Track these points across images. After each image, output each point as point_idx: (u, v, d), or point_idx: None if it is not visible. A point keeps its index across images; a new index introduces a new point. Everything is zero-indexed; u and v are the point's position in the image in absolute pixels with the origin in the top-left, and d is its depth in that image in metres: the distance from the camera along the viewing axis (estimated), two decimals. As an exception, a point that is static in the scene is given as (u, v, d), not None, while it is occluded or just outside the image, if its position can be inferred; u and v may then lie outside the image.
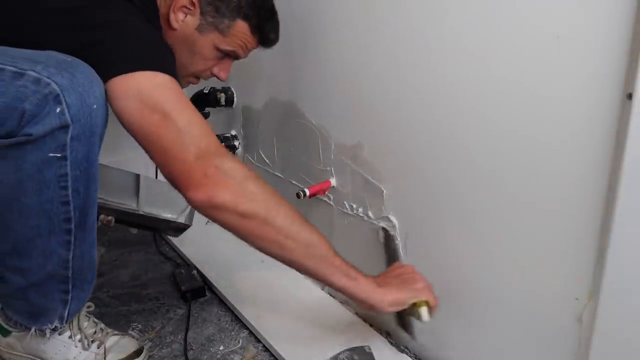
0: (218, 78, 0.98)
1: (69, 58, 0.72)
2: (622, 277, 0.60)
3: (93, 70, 0.72)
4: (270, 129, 1.25)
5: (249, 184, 0.74)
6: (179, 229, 1.19)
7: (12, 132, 0.68)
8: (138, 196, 1.20)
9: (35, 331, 0.88)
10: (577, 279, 0.65)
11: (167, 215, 1.17)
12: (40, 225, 0.76)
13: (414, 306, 0.80)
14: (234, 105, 1.38)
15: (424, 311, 0.80)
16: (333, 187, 1.06)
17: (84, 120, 0.70)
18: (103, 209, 1.11)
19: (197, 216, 1.56)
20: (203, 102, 1.38)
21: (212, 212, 0.73)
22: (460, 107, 0.75)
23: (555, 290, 0.68)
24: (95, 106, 0.71)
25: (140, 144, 0.74)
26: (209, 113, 1.41)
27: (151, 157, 0.74)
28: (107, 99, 0.72)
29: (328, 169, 1.06)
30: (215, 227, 1.61)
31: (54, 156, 0.71)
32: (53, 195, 0.74)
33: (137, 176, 1.22)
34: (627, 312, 0.61)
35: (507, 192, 0.72)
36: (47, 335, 0.89)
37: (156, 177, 1.42)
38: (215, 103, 1.36)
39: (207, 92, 1.36)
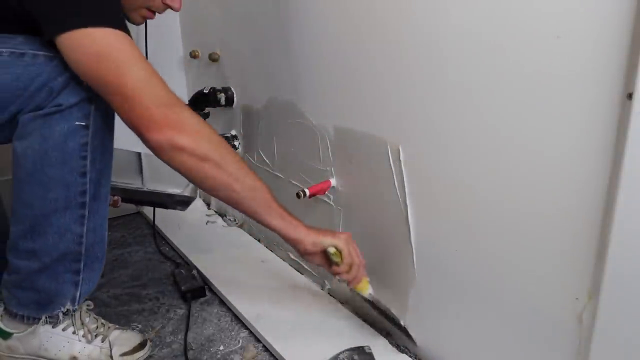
0: (171, 8, 0.95)
1: None
2: (622, 277, 0.60)
3: None
4: (270, 129, 1.25)
5: (205, 131, 0.80)
6: (185, 202, 1.19)
7: (40, 104, 0.77)
8: (142, 174, 1.22)
9: (47, 319, 0.90)
10: (577, 279, 0.65)
11: (173, 190, 1.17)
12: (58, 199, 0.82)
13: (333, 256, 0.88)
14: (234, 105, 1.38)
15: (365, 287, 0.92)
16: (333, 187, 1.06)
17: None
18: (112, 188, 1.12)
19: (197, 215, 1.58)
20: (203, 102, 1.38)
21: (172, 154, 0.77)
22: (461, 106, 0.75)
23: (555, 290, 0.68)
24: None
25: (98, 91, 0.77)
26: (209, 113, 1.41)
27: (110, 102, 0.78)
28: (61, 52, 0.75)
29: (328, 169, 1.06)
30: (216, 227, 1.62)
31: (79, 125, 0.80)
32: (74, 165, 0.81)
33: (139, 155, 1.24)
34: (627, 312, 0.61)
35: (507, 191, 0.72)
36: (60, 319, 0.90)
37: None
38: (215, 103, 1.36)
39: (207, 92, 1.36)
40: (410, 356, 0.93)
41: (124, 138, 1.27)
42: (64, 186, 0.81)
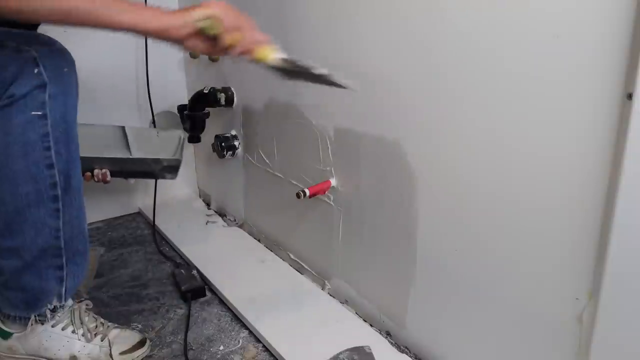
0: None
1: (41, 34, 0.83)
2: (622, 277, 0.60)
3: (61, 44, 0.83)
4: (270, 129, 1.25)
5: None
6: (172, 167, 1.20)
7: None
8: (129, 146, 1.24)
9: (36, 318, 0.90)
10: (577, 279, 0.65)
11: (160, 155, 1.18)
12: (29, 193, 0.81)
13: (209, 28, 0.74)
14: (234, 105, 1.38)
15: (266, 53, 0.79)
16: (333, 187, 1.06)
17: (58, 80, 0.79)
18: (96, 160, 1.12)
19: (197, 215, 1.58)
20: (203, 102, 1.38)
21: None
22: (461, 106, 0.75)
23: (555, 290, 0.68)
24: (66, 69, 0.81)
25: None
26: (208, 113, 1.41)
27: None
28: None
29: (328, 169, 1.06)
30: (216, 227, 1.62)
31: (36, 114, 0.78)
32: (38, 157, 0.80)
33: (123, 128, 1.25)
34: (627, 312, 0.61)
35: (507, 191, 0.72)
36: (49, 317, 0.90)
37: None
38: (215, 103, 1.36)
39: (207, 92, 1.36)
40: (410, 356, 0.93)
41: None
42: (32, 180, 0.81)
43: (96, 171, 1.16)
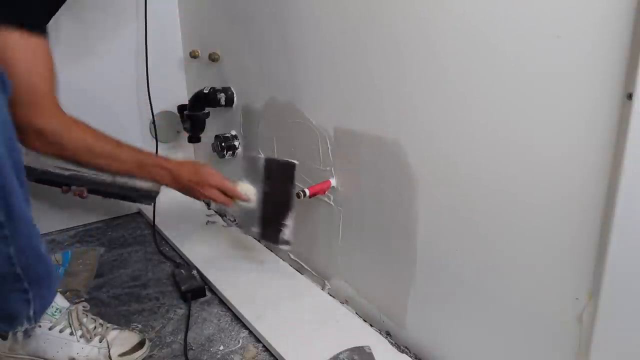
0: None
1: None
2: (622, 277, 0.60)
3: None
4: (270, 129, 1.25)
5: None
6: (151, 196, 1.20)
7: None
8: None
9: (11, 335, 0.90)
10: (577, 279, 0.65)
11: (141, 184, 1.18)
12: None
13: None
14: (234, 105, 1.38)
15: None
16: (333, 187, 1.06)
17: None
18: (76, 179, 1.12)
19: (197, 215, 1.58)
20: (203, 102, 1.38)
21: (65, 135, 0.96)
22: (461, 107, 0.75)
23: (555, 290, 0.68)
24: None
25: None
26: (208, 113, 1.41)
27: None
28: None
29: (328, 169, 1.06)
30: (216, 227, 1.62)
31: None
32: None
33: None
34: (627, 312, 0.61)
35: (507, 191, 0.72)
36: (19, 339, 0.90)
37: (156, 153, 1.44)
38: (215, 103, 1.36)
39: (207, 92, 1.36)
40: (410, 356, 0.93)
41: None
42: None
43: (73, 187, 1.14)
